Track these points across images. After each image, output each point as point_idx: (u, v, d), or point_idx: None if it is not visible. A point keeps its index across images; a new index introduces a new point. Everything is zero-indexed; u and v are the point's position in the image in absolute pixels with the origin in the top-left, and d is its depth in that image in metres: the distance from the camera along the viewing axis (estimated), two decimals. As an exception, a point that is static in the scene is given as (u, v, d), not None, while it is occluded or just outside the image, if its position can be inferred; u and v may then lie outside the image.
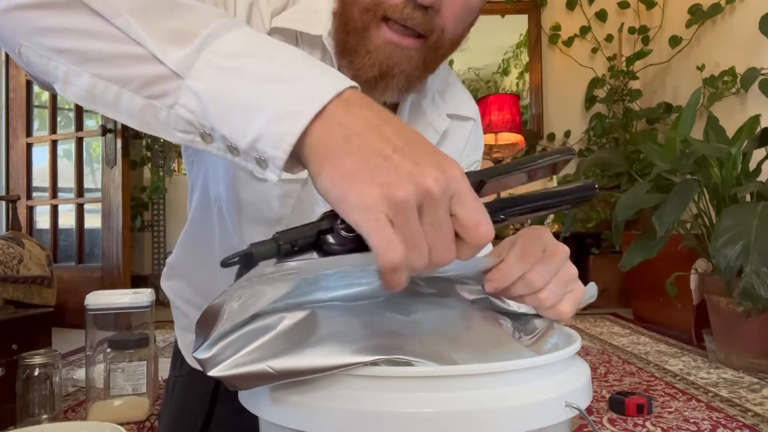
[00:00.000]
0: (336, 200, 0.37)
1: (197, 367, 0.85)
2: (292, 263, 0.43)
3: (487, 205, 0.40)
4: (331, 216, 0.39)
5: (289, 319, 0.40)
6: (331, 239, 0.39)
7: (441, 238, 0.37)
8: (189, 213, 0.81)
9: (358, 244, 0.38)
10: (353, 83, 0.41)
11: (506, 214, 0.44)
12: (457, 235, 0.38)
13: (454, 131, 0.79)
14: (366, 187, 0.36)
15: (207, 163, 0.73)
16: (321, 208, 0.68)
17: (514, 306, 0.51)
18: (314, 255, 0.40)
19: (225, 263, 0.38)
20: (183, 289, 0.84)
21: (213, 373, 0.37)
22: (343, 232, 0.39)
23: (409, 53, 0.61)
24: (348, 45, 0.63)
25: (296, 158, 0.41)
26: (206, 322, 0.40)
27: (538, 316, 0.50)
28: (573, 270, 0.49)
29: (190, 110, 0.42)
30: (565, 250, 0.49)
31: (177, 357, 0.86)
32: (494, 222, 0.39)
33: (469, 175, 0.39)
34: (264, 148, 0.40)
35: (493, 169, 0.43)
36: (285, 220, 0.69)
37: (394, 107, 0.72)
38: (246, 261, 0.38)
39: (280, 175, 0.41)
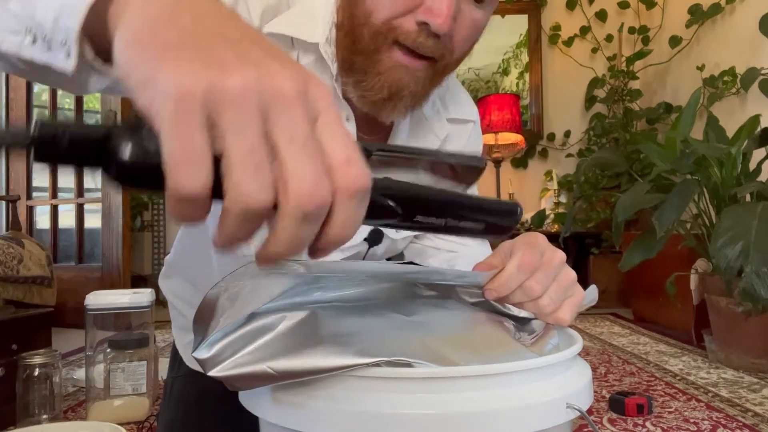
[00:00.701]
0: (138, 82, 0.25)
1: (195, 367, 0.85)
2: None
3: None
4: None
5: (290, 320, 0.40)
6: (126, 150, 0.25)
7: (307, 159, 0.25)
8: None
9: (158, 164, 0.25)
10: None
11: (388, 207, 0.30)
12: None
13: (455, 135, 0.79)
14: (186, 64, 0.24)
15: None
16: None
17: (514, 310, 0.51)
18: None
19: None
20: (180, 288, 0.84)
21: (213, 373, 0.37)
22: (146, 142, 0.25)
23: (417, 74, 0.61)
24: (355, 65, 0.62)
25: (109, 41, 0.29)
26: (202, 319, 0.40)
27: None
28: (572, 274, 0.49)
29: (19, 0, 0.36)
30: (561, 255, 0.49)
31: (175, 358, 0.86)
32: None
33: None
34: (66, 23, 0.32)
35: (381, 144, 0.33)
36: None
37: None
38: None
39: (76, 60, 0.32)
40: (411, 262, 0.61)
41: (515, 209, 0.35)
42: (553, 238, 3.00)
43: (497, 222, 0.35)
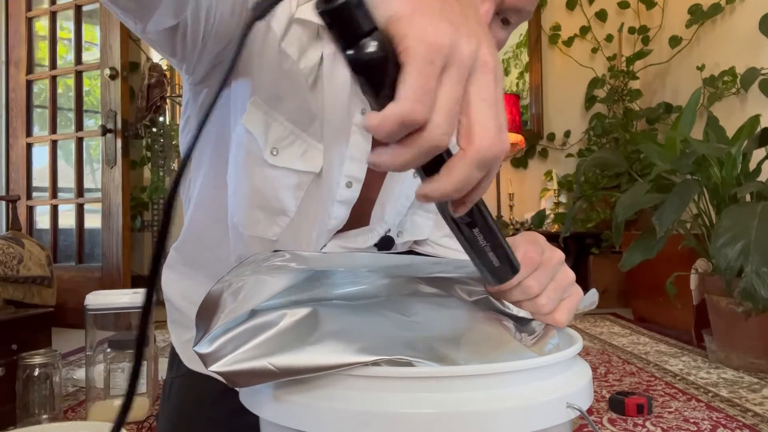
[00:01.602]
0: (397, 14, 0.30)
1: (194, 368, 0.84)
2: (289, 255, 0.42)
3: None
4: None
5: (291, 317, 0.40)
6: (370, 47, 0.30)
7: (493, 116, 0.31)
8: (191, 191, 0.78)
9: (387, 75, 0.30)
10: None
11: None
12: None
13: None
14: (439, 21, 0.30)
15: (216, 139, 0.72)
16: (331, 208, 0.69)
17: (514, 309, 0.51)
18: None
19: None
20: (180, 279, 0.82)
21: (213, 368, 0.37)
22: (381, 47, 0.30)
23: None
24: None
25: None
26: (205, 313, 0.40)
27: None
28: (570, 274, 0.49)
29: None
30: (560, 254, 0.48)
31: (174, 358, 0.85)
32: None
33: None
34: None
35: None
36: (290, 213, 0.69)
37: None
38: None
39: None
40: (411, 251, 0.61)
41: (511, 274, 0.42)
42: (553, 238, 3.00)
43: (500, 271, 0.41)
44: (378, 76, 0.30)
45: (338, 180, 0.68)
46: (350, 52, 0.30)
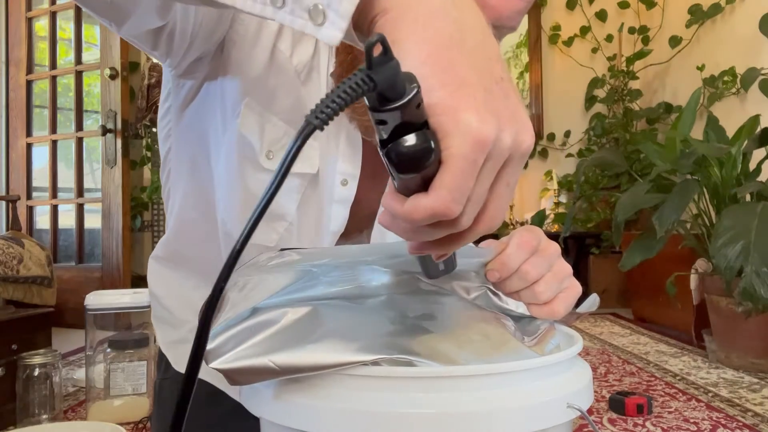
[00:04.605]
0: (440, 108, 0.28)
1: (182, 370, 0.83)
2: (294, 254, 0.42)
3: None
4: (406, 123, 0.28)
5: (292, 315, 0.40)
6: (415, 142, 0.27)
7: (507, 200, 0.32)
8: (177, 184, 0.76)
9: (426, 168, 0.28)
10: None
11: None
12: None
13: None
14: (483, 114, 0.28)
15: (201, 137, 0.70)
16: (330, 209, 0.68)
17: (513, 305, 0.51)
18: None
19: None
20: (167, 273, 0.81)
21: (214, 365, 0.37)
22: (408, 143, 0.27)
23: None
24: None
25: (370, 18, 0.31)
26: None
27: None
28: (567, 267, 0.49)
29: None
30: (556, 246, 0.48)
31: (161, 359, 0.82)
32: None
33: None
34: (342, 7, 0.31)
35: None
36: (288, 217, 0.68)
37: None
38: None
39: (344, 31, 0.31)
40: None
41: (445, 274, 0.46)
42: (553, 238, 2.99)
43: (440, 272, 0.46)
44: (416, 168, 0.28)
45: (333, 179, 0.67)
46: (393, 144, 0.28)
